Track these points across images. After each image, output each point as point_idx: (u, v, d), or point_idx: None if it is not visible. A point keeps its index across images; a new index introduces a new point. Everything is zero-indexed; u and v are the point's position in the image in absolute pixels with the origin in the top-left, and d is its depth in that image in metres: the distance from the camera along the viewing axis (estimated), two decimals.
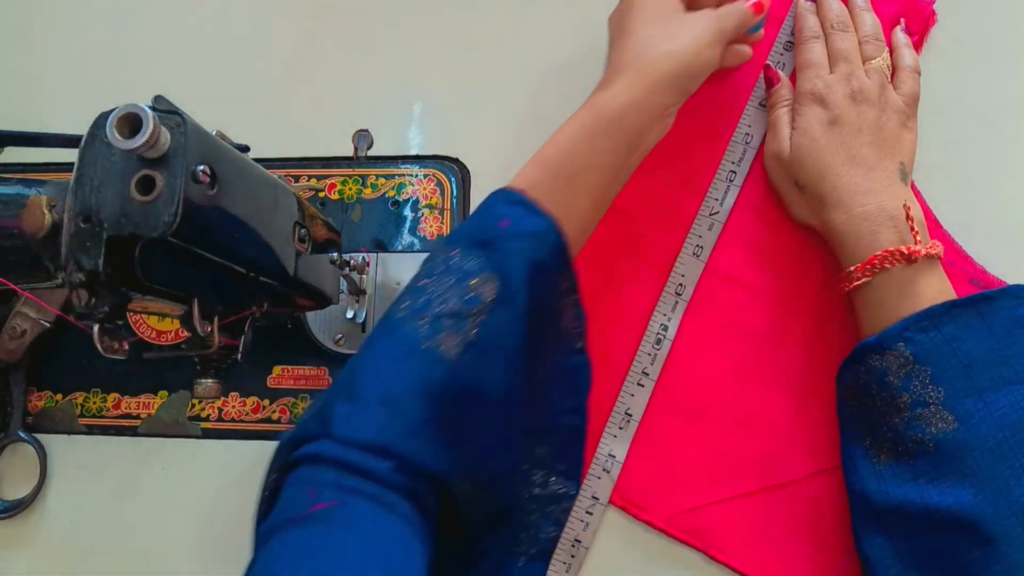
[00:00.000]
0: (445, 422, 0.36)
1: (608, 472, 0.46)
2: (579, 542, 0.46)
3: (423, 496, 0.35)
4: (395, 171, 0.53)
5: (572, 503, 0.44)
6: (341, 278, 0.47)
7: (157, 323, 0.49)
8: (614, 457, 0.46)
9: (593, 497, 0.46)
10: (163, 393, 0.51)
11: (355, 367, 0.37)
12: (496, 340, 0.37)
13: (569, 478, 0.44)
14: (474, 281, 0.37)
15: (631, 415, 0.47)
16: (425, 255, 0.50)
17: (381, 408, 0.35)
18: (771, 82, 0.49)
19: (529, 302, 0.38)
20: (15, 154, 0.54)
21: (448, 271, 0.38)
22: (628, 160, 0.44)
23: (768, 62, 0.51)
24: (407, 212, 0.52)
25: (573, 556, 0.45)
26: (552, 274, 0.40)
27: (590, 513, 0.46)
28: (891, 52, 0.48)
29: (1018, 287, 0.41)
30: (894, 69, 0.48)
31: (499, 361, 0.38)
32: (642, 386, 0.47)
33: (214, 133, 0.34)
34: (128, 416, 0.51)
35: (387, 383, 0.35)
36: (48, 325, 0.50)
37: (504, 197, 0.40)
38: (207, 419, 0.50)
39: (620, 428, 0.47)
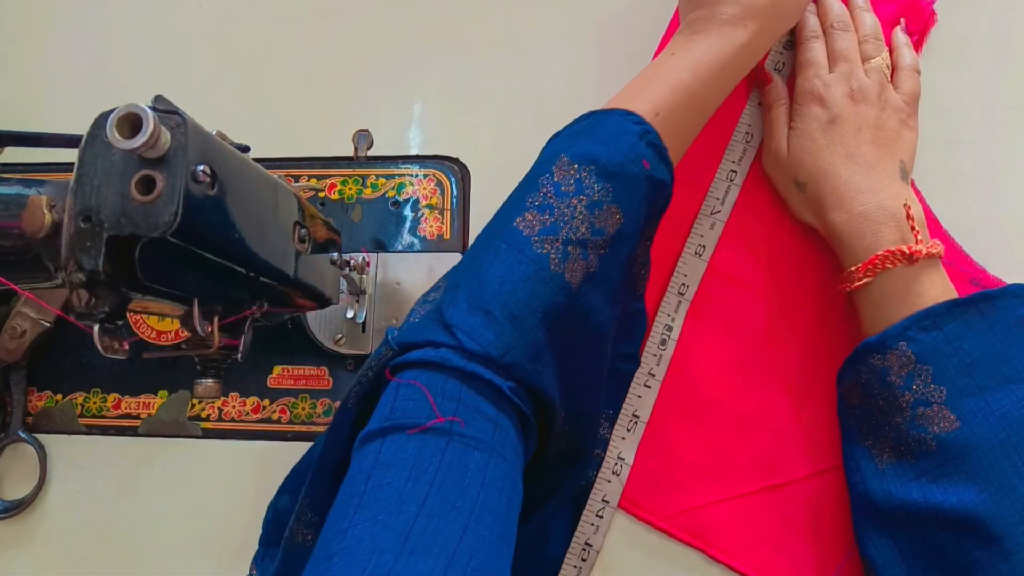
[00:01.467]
0: (560, 349, 0.36)
1: (617, 475, 0.46)
2: (589, 545, 0.45)
3: (530, 422, 0.35)
4: (395, 171, 0.53)
5: (607, 448, 0.45)
6: (341, 278, 0.47)
7: (157, 323, 0.49)
8: (623, 460, 0.46)
9: (603, 500, 0.46)
10: (163, 393, 0.51)
11: (480, 274, 0.36)
12: (609, 274, 0.37)
13: (611, 424, 0.45)
14: (602, 212, 0.37)
15: (638, 416, 0.47)
16: (425, 255, 0.51)
17: (509, 325, 0.34)
18: (763, 83, 0.50)
19: (639, 243, 0.39)
20: (15, 154, 0.54)
21: (579, 192, 0.37)
22: None
23: (765, 62, 0.51)
24: (407, 212, 0.52)
25: (584, 560, 0.45)
26: (654, 221, 0.41)
27: (600, 516, 0.46)
28: (891, 52, 0.48)
29: (1019, 286, 0.41)
30: (894, 68, 0.48)
31: (609, 296, 0.38)
32: (648, 387, 0.47)
33: (214, 133, 0.34)
34: (128, 416, 0.51)
35: (515, 301, 0.35)
36: (48, 325, 0.50)
37: (643, 134, 0.39)
38: (207, 419, 0.50)
39: (628, 430, 0.47)
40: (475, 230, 0.51)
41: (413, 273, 0.51)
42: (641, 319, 0.45)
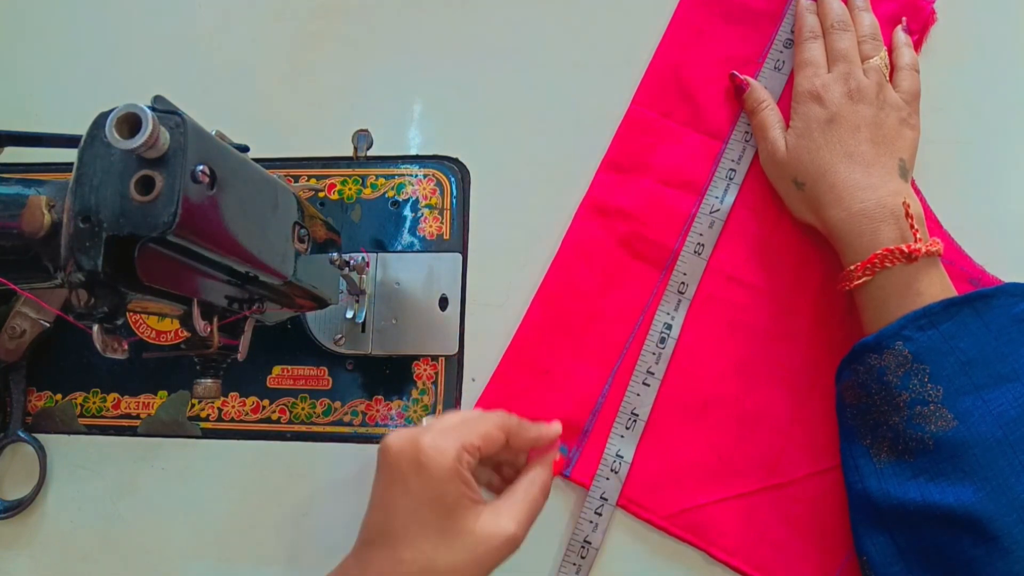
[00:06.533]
0: None
1: (616, 473, 0.46)
2: (588, 543, 0.45)
3: None
4: (395, 171, 0.53)
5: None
6: (341, 278, 0.47)
7: (157, 323, 0.49)
8: (622, 457, 0.46)
9: (602, 498, 0.46)
10: (163, 393, 0.51)
11: None
12: None
13: None
14: None
15: (637, 415, 0.47)
16: (425, 255, 0.51)
17: None
18: (740, 89, 0.50)
19: None
20: (15, 154, 0.54)
21: None
22: None
23: (763, 61, 0.51)
24: (407, 212, 0.52)
25: (583, 558, 0.45)
26: None
27: (599, 514, 0.46)
28: (890, 51, 0.48)
29: (1015, 285, 0.41)
30: (893, 68, 0.48)
31: None
32: (648, 385, 0.47)
33: (214, 133, 0.34)
34: (128, 416, 0.51)
35: None
36: (48, 325, 0.50)
37: None
38: (207, 419, 0.50)
39: (627, 428, 0.47)
40: (475, 230, 0.51)
41: (413, 273, 0.51)
42: None
